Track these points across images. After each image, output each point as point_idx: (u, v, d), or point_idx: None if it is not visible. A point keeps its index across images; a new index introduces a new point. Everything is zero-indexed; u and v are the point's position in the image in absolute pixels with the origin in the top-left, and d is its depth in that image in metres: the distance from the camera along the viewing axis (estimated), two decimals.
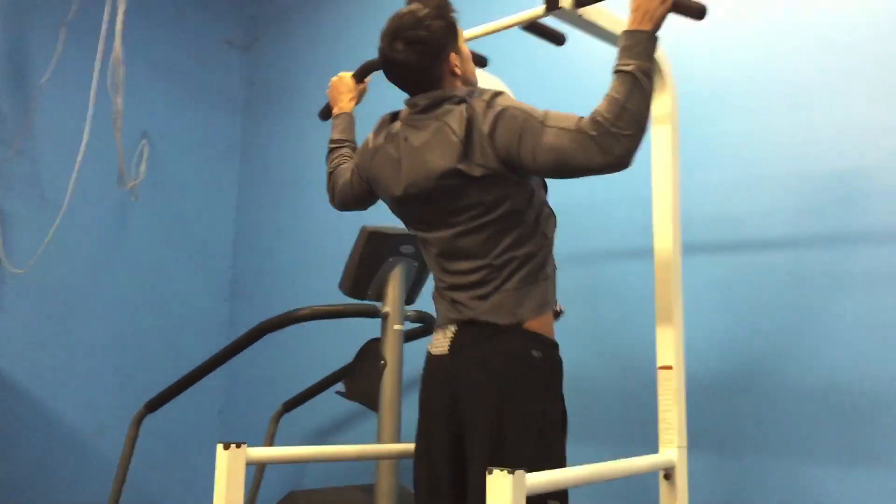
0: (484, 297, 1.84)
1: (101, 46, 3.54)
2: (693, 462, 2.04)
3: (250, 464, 1.87)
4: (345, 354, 3.04)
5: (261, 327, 2.98)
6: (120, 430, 3.54)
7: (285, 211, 4.32)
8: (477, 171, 1.78)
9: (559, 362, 1.88)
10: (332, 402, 3.42)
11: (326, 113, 2.45)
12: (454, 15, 1.91)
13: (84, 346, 3.91)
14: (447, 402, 1.86)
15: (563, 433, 1.86)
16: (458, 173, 1.79)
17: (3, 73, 3.76)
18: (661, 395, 2.03)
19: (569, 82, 3.02)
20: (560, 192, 2.00)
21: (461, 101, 1.84)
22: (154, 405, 3.29)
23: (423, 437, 1.94)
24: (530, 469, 1.43)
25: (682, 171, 2.15)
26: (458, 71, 1.91)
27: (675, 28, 2.04)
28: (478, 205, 1.81)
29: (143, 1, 4.08)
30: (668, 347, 2.03)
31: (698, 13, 1.78)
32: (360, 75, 2.38)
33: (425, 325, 3.04)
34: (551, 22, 2.12)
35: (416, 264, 2.83)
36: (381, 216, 2.63)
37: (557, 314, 1.94)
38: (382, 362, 2.72)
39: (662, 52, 2.07)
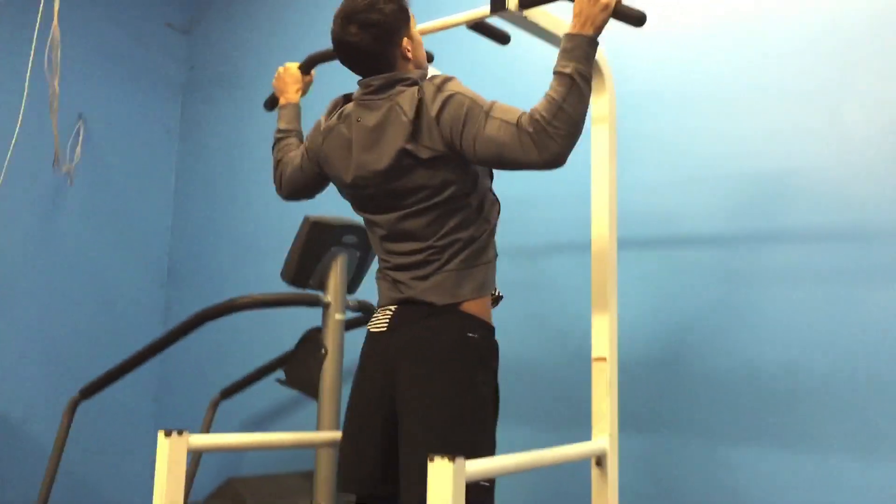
0: (425, 278, 1.88)
1: (37, 27, 3.46)
2: (621, 446, 2.12)
3: (191, 451, 1.88)
4: (284, 342, 3.05)
5: (200, 315, 2.96)
6: (51, 417, 3.49)
7: (224, 197, 4.29)
8: (424, 154, 1.81)
9: (495, 345, 1.92)
10: (271, 390, 3.43)
11: (272, 103, 2.43)
12: (406, 0, 1.94)
13: (15, 331, 3.83)
14: (382, 380, 1.89)
15: (494, 413, 1.90)
16: (407, 153, 1.82)
17: None
18: (595, 385, 2.08)
19: (511, 80, 3.08)
20: (502, 187, 2.05)
21: (413, 83, 1.87)
22: (89, 392, 3.24)
23: (355, 418, 1.95)
24: (461, 447, 1.48)
25: (619, 170, 2.23)
26: (409, 55, 1.94)
27: (615, 33, 2.11)
28: (424, 188, 1.85)
29: None
30: (603, 340, 2.09)
31: (638, 20, 1.83)
32: (307, 67, 2.38)
33: (366, 315, 3.07)
34: (497, 22, 2.17)
35: (358, 254, 2.86)
36: (324, 206, 2.66)
37: (496, 300, 1.99)
38: (323, 351, 2.74)
39: (603, 56, 2.14)
